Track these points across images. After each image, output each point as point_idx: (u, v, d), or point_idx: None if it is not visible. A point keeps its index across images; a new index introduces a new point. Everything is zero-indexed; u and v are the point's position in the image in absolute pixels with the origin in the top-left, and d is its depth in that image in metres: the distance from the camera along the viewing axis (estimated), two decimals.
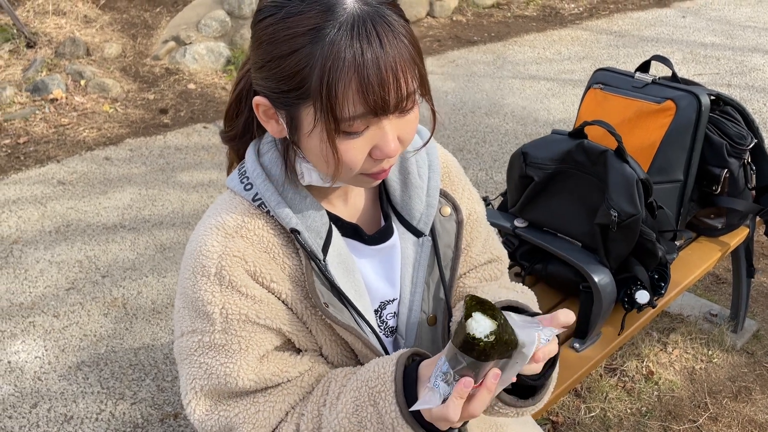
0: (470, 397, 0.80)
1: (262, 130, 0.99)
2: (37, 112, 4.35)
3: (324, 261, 0.94)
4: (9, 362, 2.44)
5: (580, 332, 1.66)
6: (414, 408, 0.81)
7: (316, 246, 0.93)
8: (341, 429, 0.88)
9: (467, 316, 0.78)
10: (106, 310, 2.69)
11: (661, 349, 2.38)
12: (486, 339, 0.77)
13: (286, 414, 0.95)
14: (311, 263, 0.93)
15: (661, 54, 2.00)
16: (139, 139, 4.17)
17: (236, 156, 1.03)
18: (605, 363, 2.32)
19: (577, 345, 1.66)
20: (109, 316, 2.65)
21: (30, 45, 4.82)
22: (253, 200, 0.94)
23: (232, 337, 0.91)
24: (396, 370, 0.86)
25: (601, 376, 2.27)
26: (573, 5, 6.52)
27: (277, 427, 0.94)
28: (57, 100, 4.45)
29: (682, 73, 4.76)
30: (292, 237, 0.94)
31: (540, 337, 0.82)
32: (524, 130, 4.14)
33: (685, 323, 2.49)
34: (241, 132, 0.99)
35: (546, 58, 5.37)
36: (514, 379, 0.83)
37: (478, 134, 4.11)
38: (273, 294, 0.93)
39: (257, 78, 0.86)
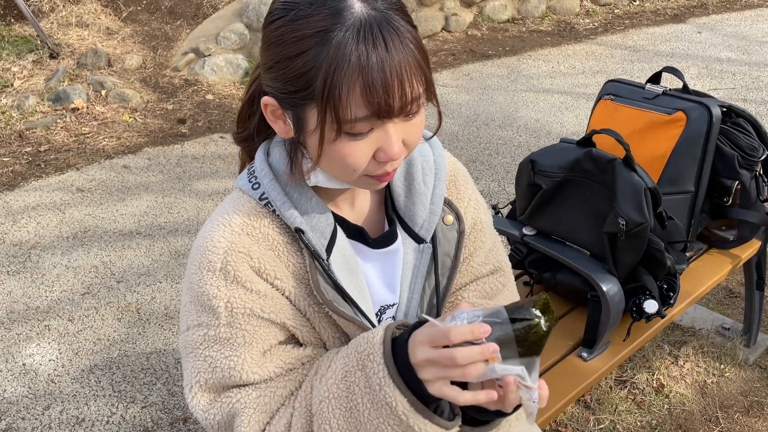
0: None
1: (274, 132, 1.01)
2: (59, 121, 4.43)
3: (327, 261, 0.96)
4: (24, 365, 2.48)
5: (587, 341, 1.66)
6: (422, 318, 0.81)
7: (320, 246, 0.95)
8: (330, 395, 0.89)
9: (543, 308, 0.80)
10: (119, 314, 2.73)
11: (673, 362, 2.37)
12: (543, 335, 0.79)
13: (286, 399, 0.96)
14: (315, 262, 0.95)
15: (676, 68, 2.00)
16: (157, 148, 4.23)
17: (248, 157, 1.06)
18: (615, 375, 2.31)
19: (584, 354, 1.66)
20: (123, 321, 2.69)
21: (53, 56, 4.93)
22: (260, 199, 0.96)
23: (236, 330, 0.93)
24: (384, 334, 0.87)
25: (611, 388, 2.26)
26: (588, 20, 6.53)
27: (277, 411, 0.95)
28: (78, 109, 4.54)
29: (697, 87, 4.75)
30: (296, 236, 0.96)
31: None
32: (537, 142, 4.15)
33: (697, 336, 2.47)
34: (253, 133, 1.02)
35: (560, 72, 5.38)
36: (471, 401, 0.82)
37: (491, 146, 4.12)
38: (277, 290, 0.95)
39: (266, 78, 0.88)
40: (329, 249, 0.96)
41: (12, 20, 5.32)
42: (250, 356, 0.94)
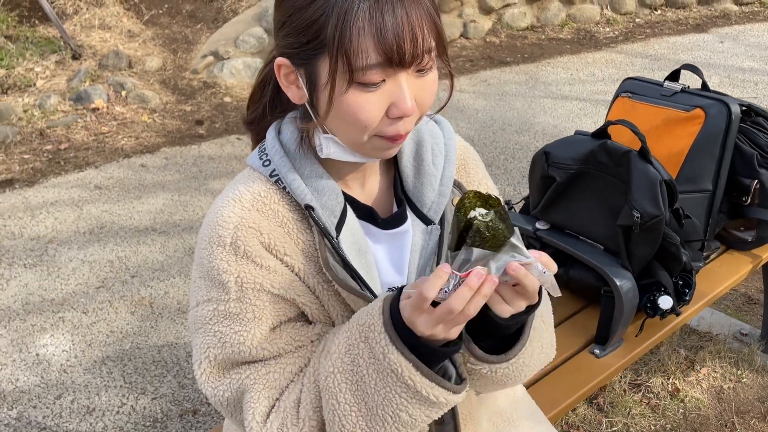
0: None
1: (284, 112, 1.01)
2: (79, 120, 4.50)
3: (337, 239, 0.95)
4: (37, 354, 2.50)
5: (600, 338, 1.64)
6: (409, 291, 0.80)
7: (330, 223, 0.95)
8: (335, 370, 0.88)
9: (466, 205, 0.81)
10: (133, 308, 2.74)
11: (689, 367, 2.32)
12: (482, 218, 0.79)
13: (296, 375, 0.95)
14: (324, 240, 0.94)
15: (697, 78, 1.97)
16: (174, 148, 4.27)
17: (256, 141, 1.06)
18: (630, 379, 2.27)
19: (597, 351, 1.63)
20: (136, 314, 2.70)
21: (75, 57, 5.01)
22: (270, 176, 0.95)
23: (246, 305, 0.92)
24: (383, 305, 0.86)
25: (624, 391, 2.22)
26: (608, 29, 6.50)
27: (286, 387, 0.94)
28: (98, 109, 4.60)
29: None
30: (306, 213, 0.95)
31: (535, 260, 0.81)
32: None
33: (714, 342, 2.42)
34: (260, 115, 1.02)
35: (579, 79, 5.35)
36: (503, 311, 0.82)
37: (508, 151, 4.10)
38: (286, 267, 0.95)
39: (278, 39, 0.88)
40: (339, 227, 0.96)
41: (36, 22, 5.42)
42: (260, 331, 0.93)
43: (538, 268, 0.80)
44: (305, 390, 0.92)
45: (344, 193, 0.98)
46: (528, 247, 0.84)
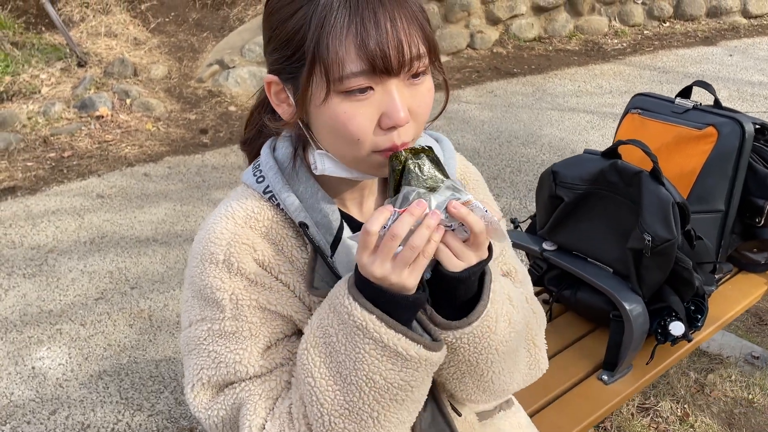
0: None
1: (278, 133, 0.98)
2: (83, 128, 4.48)
3: (332, 257, 0.92)
4: (33, 368, 2.46)
5: (608, 364, 1.58)
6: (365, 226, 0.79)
7: (325, 242, 0.92)
8: (308, 345, 0.85)
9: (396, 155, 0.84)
10: (131, 321, 2.70)
11: (698, 391, 2.26)
12: (414, 159, 0.82)
13: (288, 384, 0.92)
14: (318, 258, 0.91)
15: (707, 82, 1.93)
16: (178, 157, 4.24)
17: (251, 162, 1.03)
18: (638, 402, 2.21)
19: (605, 377, 1.58)
20: (134, 327, 2.66)
21: (81, 64, 5.00)
22: (264, 192, 0.93)
23: (242, 323, 0.90)
24: (348, 278, 0.84)
25: (632, 415, 2.16)
26: (616, 41, 6.46)
27: (280, 395, 0.91)
28: (102, 117, 4.58)
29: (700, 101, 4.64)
30: (301, 231, 0.92)
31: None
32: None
33: (725, 364, 2.36)
34: (255, 135, 0.99)
35: (587, 91, 5.31)
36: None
37: (514, 163, 4.05)
38: (282, 284, 0.92)
39: (267, 56, 0.86)
40: (334, 246, 0.93)
41: (43, 28, 5.42)
42: (257, 349, 0.90)
43: (479, 207, 0.79)
44: (294, 388, 0.89)
45: (341, 212, 0.95)
46: (535, 267, 0.81)
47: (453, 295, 0.87)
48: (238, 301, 0.89)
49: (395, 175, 0.82)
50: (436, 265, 0.85)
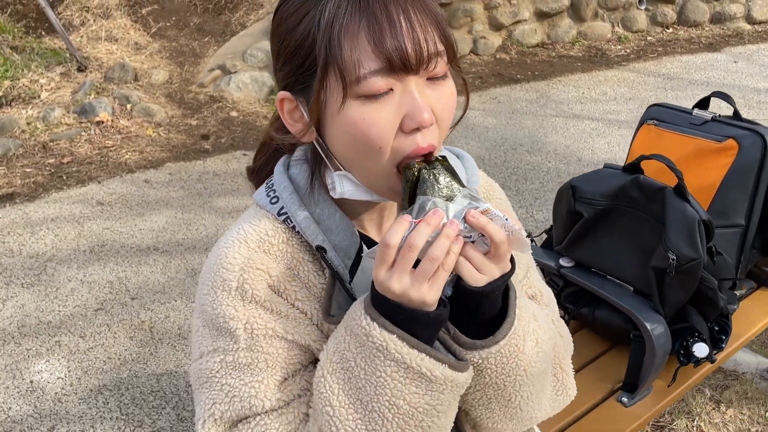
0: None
1: (291, 151, 0.93)
2: (83, 133, 4.42)
3: (351, 283, 0.86)
4: (31, 381, 2.40)
5: (629, 385, 1.53)
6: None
7: (343, 266, 0.86)
8: (325, 372, 0.80)
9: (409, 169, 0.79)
10: (132, 332, 2.64)
11: (714, 408, 2.20)
12: (428, 169, 0.77)
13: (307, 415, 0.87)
14: (336, 284, 0.86)
15: (726, 93, 1.88)
16: (179, 163, 4.19)
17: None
18: (653, 420, 2.15)
19: (625, 399, 1.53)
20: (135, 340, 2.60)
21: (81, 69, 4.95)
22: (279, 214, 0.88)
23: (258, 354, 0.84)
24: (365, 298, 0.79)
25: None
26: (620, 47, 6.42)
27: (297, 428, 0.86)
28: (103, 122, 4.53)
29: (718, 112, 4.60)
30: (318, 254, 0.87)
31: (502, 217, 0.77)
32: (567, 168, 4.03)
33: (741, 381, 2.30)
34: (263, 163, 0.95)
35: (591, 98, 5.26)
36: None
37: (519, 171, 4.01)
38: (299, 311, 0.87)
39: (277, 72, 0.82)
40: (353, 270, 0.87)
41: (43, 33, 5.37)
42: (273, 381, 0.85)
43: (499, 216, 0.75)
44: (311, 420, 0.84)
45: (360, 234, 0.90)
46: (550, 284, 0.77)
47: (476, 312, 0.82)
48: (253, 330, 0.84)
49: (409, 186, 0.78)
50: (456, 281, 0.80)
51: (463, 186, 0.79)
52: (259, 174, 0.98)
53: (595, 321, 1.62)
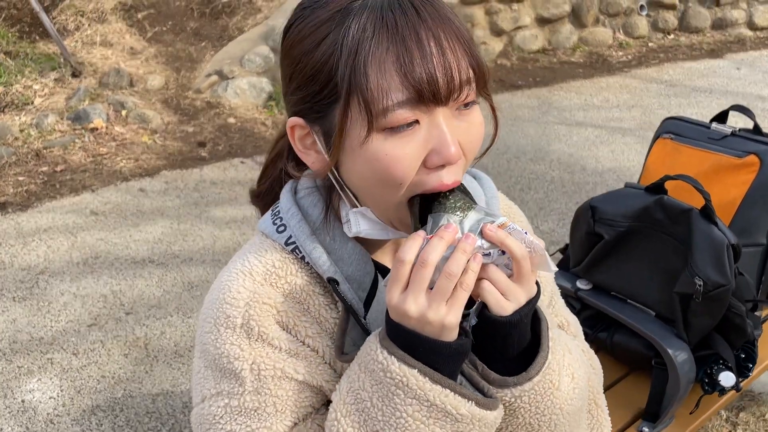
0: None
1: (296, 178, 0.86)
2: (77, 140, 4.33)
3: (365, 318, 0.79)
4: (23, 401, 2.31)
5: (650, 414, 1.46)
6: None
7: (357, 299, 0.80)
8: (339, 415, 0.73)
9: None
10: (127, 350, 2.56)
11: (731, 430, 2.13)
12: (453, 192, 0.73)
13: None
14: (350, 318, 0.79)
15: (716, 105, 1.81)
16: (175, 171, 4.11)
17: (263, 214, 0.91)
18: None
19: (646, 429, 1.46)
20: (130, 357, 2.52)
21: (75, 74, 4.86)
22: (286, 244, 0.81)
23: (266, 398, 0.77)
24: (380, 331, 0.73)
25: None
26: (621, 53, 6.38)
27: None
28: (97, 129, 4.44)
29: (738, 125, 4.54)
30: (329, 287, 0.80)
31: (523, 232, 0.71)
32: (571, 178, 3.96)
33: (757, 402, 2.23)
34: (268, 188, 0.88)
35: (593, 105, 5.21)
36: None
37: (523, 180, 3.94)
38: (309, 348, 0.80)
39: (288, 96, 0.75)
40: (368, 303, 0.80)
41: (37, 37, 5.29)
42: (282, 427, 0.78)
43: (518, 230, 0.69)
44: None
45: (374, 262, 0.82)
46: (568, 307, 0.72)
47: (505, 345, 0.75)
48: (260, 371, 0.77)
49: (418, 208, 0.73)
50: (481, 311, 0.73)
51: (473, 199, 0.74)
52: (264, 198, 0.91)
53: (613, 346, 1.55)
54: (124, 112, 4.62)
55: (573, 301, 1.57)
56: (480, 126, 0.74)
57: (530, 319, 0.75)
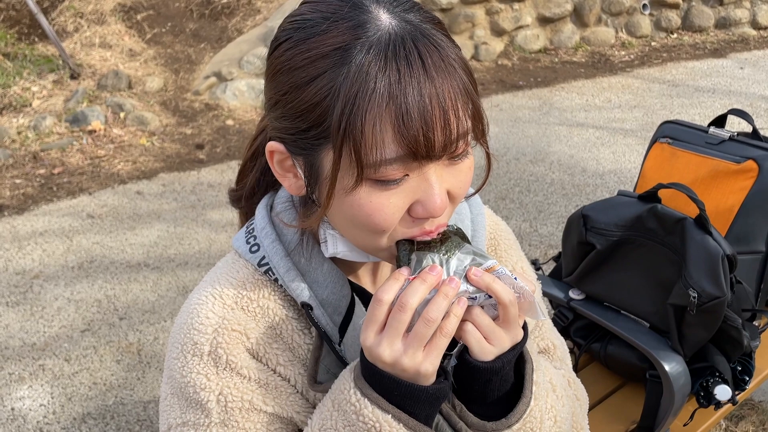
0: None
1: (278, 185, 0.83)
2: (75, 143, 4.32)
3: (341, 344, 0.76)
4: (12, 409, 2.29)
5: (644, 428, 1.42)
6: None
7: (332, 325, 0.77)
8: None
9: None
10: (119, 355, 2.53)
11: None
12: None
13: None
14: (324, 345, 0.76)
15: (719, 105, 1.77)
16: (172, 173, 4.09)
17: (245, 220, 0.87)
18: None
19: None
20: (122, 363, 2.49)
21: (74, 76, 4.85)
22: (259, 265, 0.78)
23: (232, 430, 0.75)
24: (354, 367, 0.71)
25: None
26: (623, 52, 6.32)
27: None
28: (95, 131, 4.43)
29: (741, 126, 4.48)
30: (304, 311, 0.77)
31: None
32: (572, 180, 3.92)
33: (756, 410, 2.19)
34: (248, 193, 0.83)
35: (595, 105, 5.16)
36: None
37: (522, 182, 3.90)
38: (280, 377, 0.77)
39: (271, 119, 0.70)
40: (344, 328, 0.77)
41: (36, 39, 5.27)
42: None
43: (507, 274, 0.66)
44: None
45: (352, 284, 0.79)
46: (559, 317, 0.69)
47: (485, 391, 0.72)
48: (227, 402, 0.74)
49: (404, 249, 0.69)
50: (462, 353, 0.70)
51: (468, 242, 0.70)
52: (246, 203, 0.87)
53: (607, 357, 1.52)
54: (122, 115, 4.60)
55: (565, 310, 1.53)
56: (469, 171, 0.70)
57: (512, 365, 0.73)
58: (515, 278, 0.67)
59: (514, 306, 0.67)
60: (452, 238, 0.70)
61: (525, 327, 0.73)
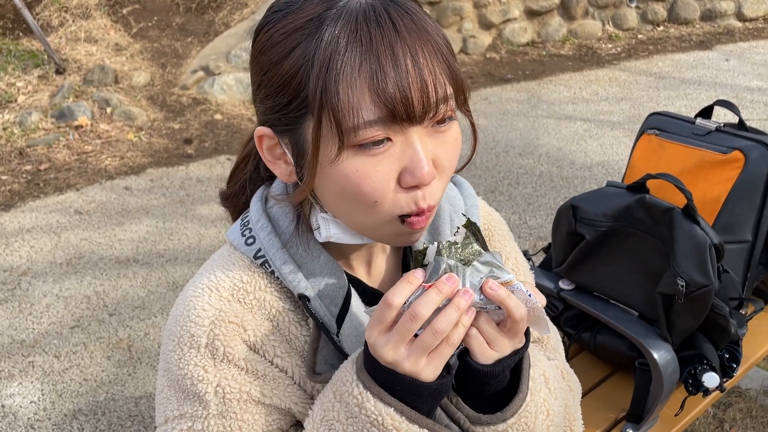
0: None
1: (271, 177, 0.83)
2: (61, 138, 4.28)
3: (338, 335, 0.77)
4: (2, 406, 2.28)
5: (634, 416, 1.44)
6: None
7: (329, 315, 0.77)
8: None
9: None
10: (110, 352, 2.52)
11: (718, 427, 2.12)
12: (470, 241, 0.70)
13: None
14: (322, 336, 0.77)
15: (705, 97, 1.79)
16: (161, 169, 4.06)
17: (235, 218, 0.88)
18: None
19: (630, 431, 1.43)
20: (113, 359, 2.48)
21: (59, 71, 4.80)
22: (255, 257, 0.78)
23: (231, 422, 0.75)
24: (357, 355, 0.71)
25: None
26: (610, 45, 6.35)
27: None
28: (82, 127, 4.39)
29: (728, 117, 4.52)
30: (300, 303, 0.77)
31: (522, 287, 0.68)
32: (560, 172, 3.94)
33: (744, 398, 2.22)
34: (238, 190, 0.84)
35: (582, 98, 5.18)
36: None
37: (511, 175, 3.91)
38: (278, 369, 0.77)
39: (257, 104, 0.71)
40: (341, 319, 0.78)
41: (20, 34, 5.21)
42: None
43: (522, 290, 0.66)
44: None
45: (348, 275, 0.80)
46: (550, 307, 0.70)
47: (482, 390, 0.74)
48: (225, 394, 0.74)
49: (421, 250, 0.70)
50: (462, 353, 0.72)
51: (487, 249, 0.70)
52: (234, 200, 0.88)
53: (597, 346, 1.53)
54: (109, 110, 4.57)
55: (555, 301, 1.55)
56: (456, 142, 0.70)
57: (511, 369, 0.74)
58: (530, 294, 0.68)
59: (523, 321, 0.68)
60: (469, 237, 0.70)
61: (527, 332, 0.74)
